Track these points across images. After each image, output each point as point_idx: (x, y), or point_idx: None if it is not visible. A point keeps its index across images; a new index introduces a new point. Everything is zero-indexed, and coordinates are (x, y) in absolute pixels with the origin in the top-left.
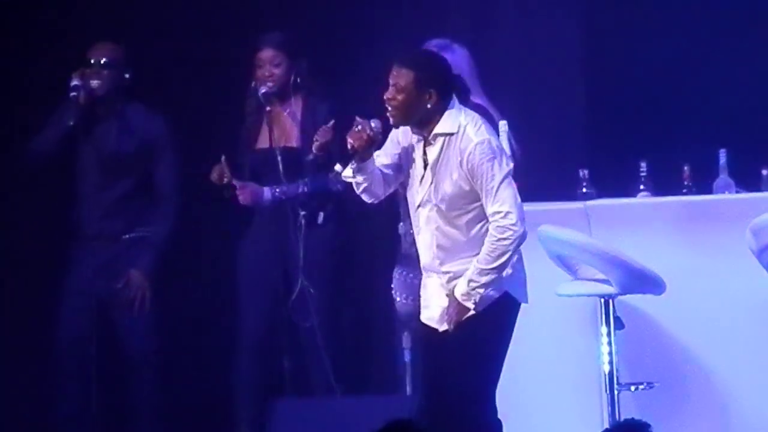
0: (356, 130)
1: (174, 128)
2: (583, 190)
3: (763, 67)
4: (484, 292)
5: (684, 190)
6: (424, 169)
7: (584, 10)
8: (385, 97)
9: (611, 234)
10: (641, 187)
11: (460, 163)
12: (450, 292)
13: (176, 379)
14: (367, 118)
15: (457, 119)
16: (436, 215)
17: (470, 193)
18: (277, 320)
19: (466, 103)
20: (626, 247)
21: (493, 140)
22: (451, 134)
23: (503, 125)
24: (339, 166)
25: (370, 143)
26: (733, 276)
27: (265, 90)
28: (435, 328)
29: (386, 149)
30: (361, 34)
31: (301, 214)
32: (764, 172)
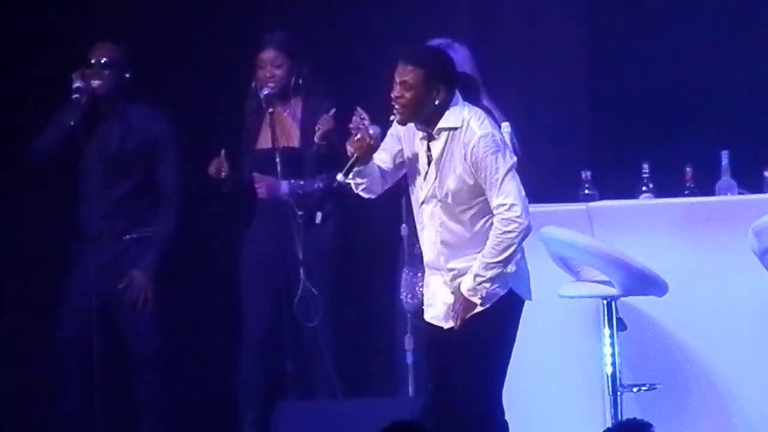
0: (356, 138)
1: (175, 128)
2: (586, 192)
3: (765, 69)
4: (490, 286)
5: (686, 192)
6: (428, 165)
7: (586, 11)
8: (393, 96)
9: (613, 235)
10: (643, 188)
11: (464, 156)
12: (455, 289)
13: (179, 379)
14: (369, 116)
15: (461, 114)
16: (440, 211)
17: (474, 188)
18: (280, 321)
19: (477, 102)
20: (628, 248)
21: (496, 133)
22: (455, 129)
23: (506, 127)
24: (341, 176)
25: (370, 150)
26: (736, 277)
27: (267, 92)
28: (440, 327)
29: (386, 145)
30: (363, 34)
31: (299, 213)
32: (766, 173)
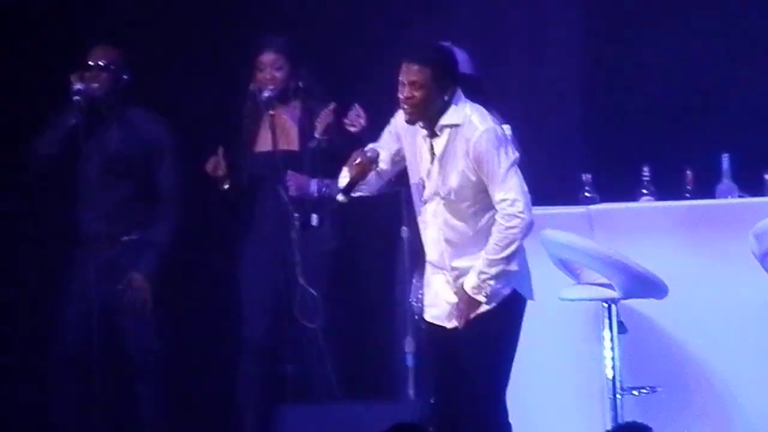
0: (355, 162)
1: (174, 131)
2: (586, 195)
3: (766, 72)
4: (494, 284)
5: (687, 195)
6: (431, 163)
7: (586, 15)
8: (403, 97)
9: (614, 238)
10: (644, 191)
11: (467, 152)
12: (459, 288)
13: (178, 382)
14: (371, 117)
15: (463, 110)
16: (443, 209)
17: (477, 184)
18: (279, 324)
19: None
20: (629, 251)
21: (498, 129)
22: (458, 125)
23: (507, 129)
24: (341, 196)
25: (370, 171)
26: (736, 280)
27: (268, 94)
28: (442, 327)
29: (384, 143)
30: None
31: (295, 216)
32: (767, 176)
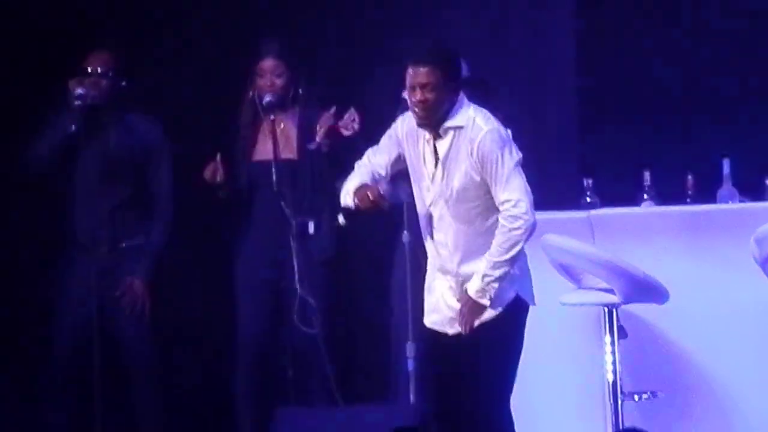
0: (370, 198)
1: (171, 137)
2: (587, 200)
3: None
4: (498, 287)
5: (687, 200)
6: (435, 166)
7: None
8: (416, 100)
9: (615, 243)
10: (645, 196)
11: (470, 152)
12: (463, 293)
13: (176, 386)
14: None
15: (467, 112)
16: (448, 212)
17: (481, 185)
18: (276, 329)
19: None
20: (630, 256)
21: (502, 129)
22: (462, 127)
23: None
24: (342, 219)
25: (377, 206)
26: (737, 285)
27: (269, 99)
28: (443, 332)
29: (384, 148)
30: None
31: (293, 224)
32: (767, 181)
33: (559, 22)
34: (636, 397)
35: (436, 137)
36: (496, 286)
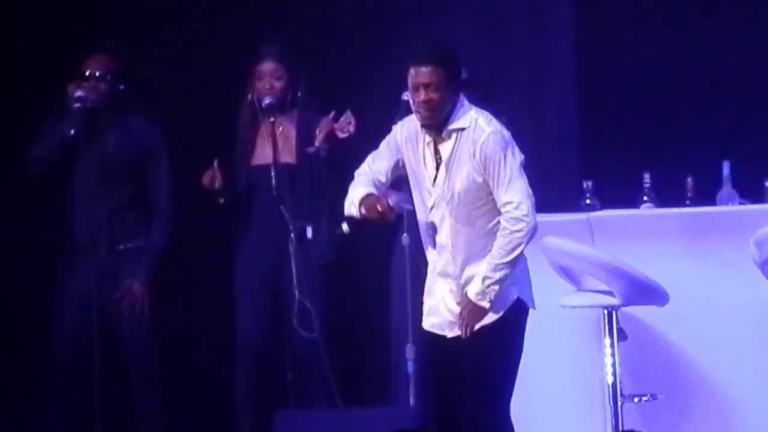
0: (380, 209)
1: (170, 139)
2: (587, 202)
3: (767, 78)
4: (498, 289)
5: (687, 202)
6: (437, 169)
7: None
8: (421, 100)
9: (615, 245)
10: (645, 198)
11: (473, 154)
12: (463, 296)
13: (176, 389)
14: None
15: (469, 114)
16: (449, 214)
17: (483, 186)
18: (275, 333)
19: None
20: (629, 258)
21: (504, 131)
22: (464, 128)
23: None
24: (346, 227)
25: (385, 218)
26: (737, 287)
27: (269, 101)
28: (442, 335)
29: (383, 155)
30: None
31: (291, 228)
32: (767, 183)
33: (559, 24)
34: (636, 400)
35: (438, 140)
36: (497, 288)
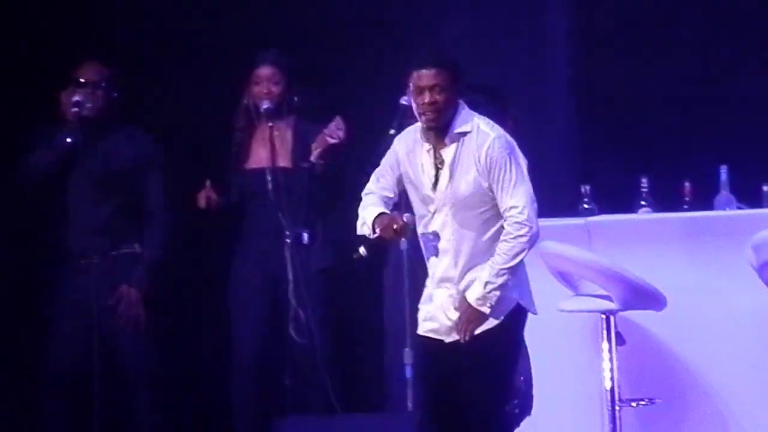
0: (394, 227)
1: (166, 146)
2: (585, 206)
3: (764, 84)
4: (499, 295)
5: (685, 206)
6: (436, 174)
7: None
8: (425, 102)
9: (612, 250)
10: (642, 203)
11: (478, 158)
12: (462, 300)
13: (175, 397)
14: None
15: (470, 118)
16: (452, 219)
17: (487, 191)
18: (272, 339)
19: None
20: (627, 263)
21: (507, 136)
22: (467, 133)
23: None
24: (363, 250)
25: (401, 236)
26: (734, 292)
27: (267, 106)
28: (439, 340)
29: (386, 173)
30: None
31: (287, 234)
32: (765, 188)
33: (557, 30)
34: (633, 404)
35: (440, 145)
36: (498, 293)
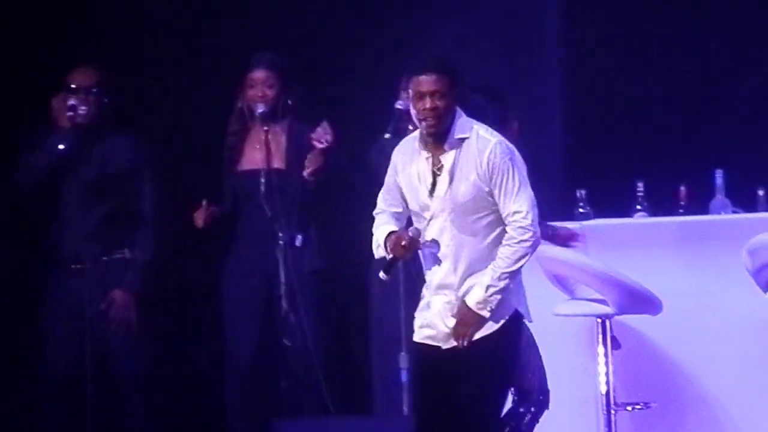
0: (402, 244)
1: (164, 148)
2: (580, 210)
3: (759, 88)
4: (500, 299)
5: (680, 211)
6: (433, 181)
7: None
8: (426, 108)
9: (608, 254)
10: (638, 207)
11: (480, 163)
12: (461, 304)
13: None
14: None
15: (468, 124)
16: (450, 225)
17: (487, 196)
18: (266, 342)
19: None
20: (623, 267)
21: (506, 141)
22: (466, 138)
23: None
24: (383, 275)
25: (412, 250)
26: (730, 296)
27: (263, 109)
28: (436, 346)
29: (392, 191)
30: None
31: (280, 236)
32: (760, 192)
33: (551, 33)
34: (629, 408)
35: (438, 151)
36: (499, 298)
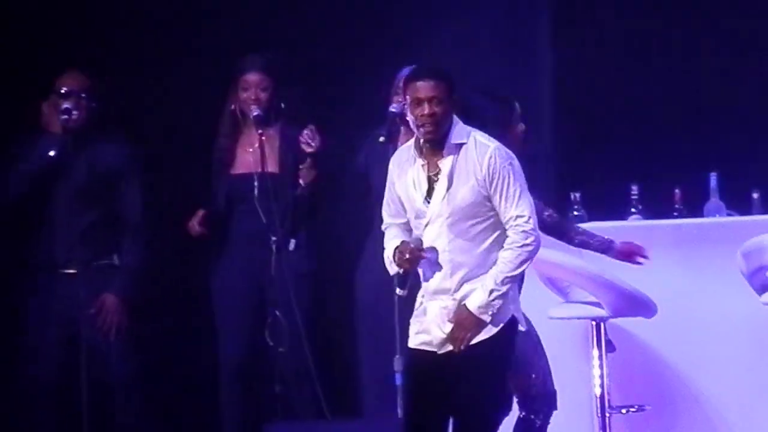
0: (405, 258)
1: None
2: (575, 213)
3: (754, 91)
4: (501, 304)
5: (675, 213)
6: (429, 187)
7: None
8: (426, 113)
9: (602, 257)
10: (632, 210)
11: (480, 168)
12: (461, 307)
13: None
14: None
15: (465, 129)
16: (447, 230)
17: (485, 201)
18: (258, 346)
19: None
20: (617, 270)
21: (503, 146)
22: (463, 144)
23: None
24: (399, 290)
25: (421, 259)
26: (724, 299)
27: (258, 113)
28: (432, 351)
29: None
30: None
31: (272, 239)
32: (755, 195)
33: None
34: (624, 411)
35: (436, 157)
36: (500, 302)
